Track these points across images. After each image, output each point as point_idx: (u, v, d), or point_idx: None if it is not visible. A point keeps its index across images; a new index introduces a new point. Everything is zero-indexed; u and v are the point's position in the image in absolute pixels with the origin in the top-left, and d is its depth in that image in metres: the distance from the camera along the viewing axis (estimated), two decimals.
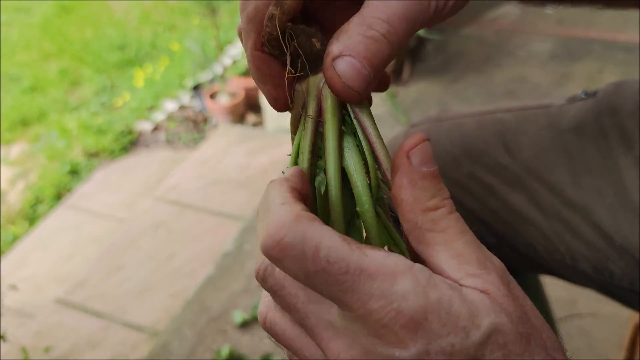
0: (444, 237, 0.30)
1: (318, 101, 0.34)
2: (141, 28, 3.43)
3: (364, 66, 0.31)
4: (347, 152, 0.34)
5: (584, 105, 0.66)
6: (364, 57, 0.31)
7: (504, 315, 0.28)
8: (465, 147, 0.69)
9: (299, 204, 0.30)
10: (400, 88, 2.37)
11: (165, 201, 2.08)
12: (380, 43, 0.32)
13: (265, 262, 0.32)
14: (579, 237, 0.62)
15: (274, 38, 0.33)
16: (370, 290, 0.27)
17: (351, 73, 0.31)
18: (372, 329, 0.27)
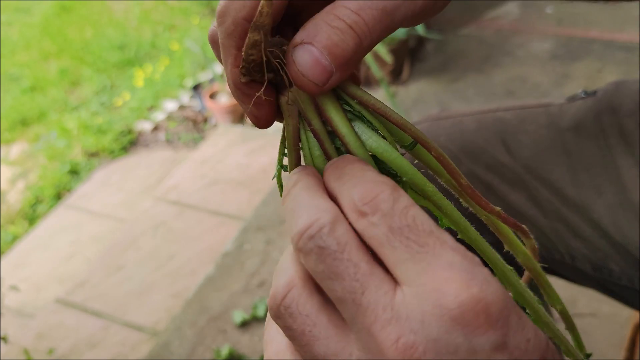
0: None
1: (314, 103, 0.32)
2: (141, 28, 3.43)
3: (323, 56, 0.29)
4: (363, 136, 0.33)
5: (584, 104, 0.66)
6: (323, 46, 0.29)
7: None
8: (465, 145, 0.69)
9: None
10: (400, 88, 2.37)
11: (165, 201, 2.08)
12: (345, 34, 0.29)
13: (322, 220, 0.27)
14: (578, 235, 0.63)
15: (258, 63, 0.31)
16: (451, 260, 0.25)
17: (308, 62, 0.29)
18: (448, 310, 0.24)
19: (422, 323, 0.24)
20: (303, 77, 0.30)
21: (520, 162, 0.66)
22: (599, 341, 1.36)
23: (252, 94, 0.32)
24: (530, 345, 0.25)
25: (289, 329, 0.28)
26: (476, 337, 0.24)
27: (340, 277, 0.26)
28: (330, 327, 0.27)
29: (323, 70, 0.30)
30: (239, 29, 0.30)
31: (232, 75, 0.32)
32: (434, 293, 0.24)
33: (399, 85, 2.39)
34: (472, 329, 0.24)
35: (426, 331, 0.24)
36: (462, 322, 0.24)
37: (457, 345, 0.24)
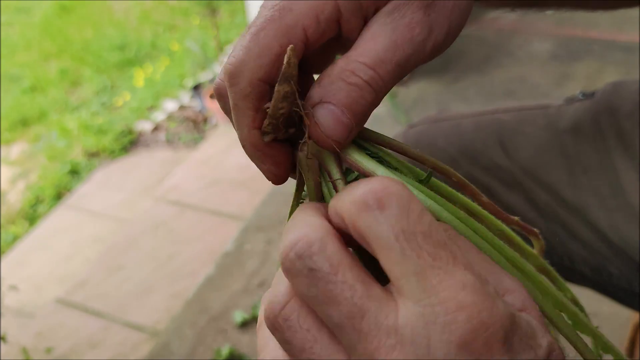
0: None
1: (335, 154, 0.31)
2: (141, 28, 3.43)
3: (344, 114, 0.29)
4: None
5: (582, 106, 0.66)
6: (344, 105, 0.29)
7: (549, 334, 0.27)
8: (463, 147, 0.69)
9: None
10: (400, 88, 2.37)
11: (165, 201, 2.08)
12: (364, 90, 0.30)
13: (311, 237, 0.25)
14: (576, 238, 0.63)
15: (286, 118, 0.30)
16: (464, 279, 0.23)
17: (331, 122, 0.29)
18: (457, 337, 0.22)
19: (429, 348, 0.22)
20: (326, 138, 0.30)
21: (519, 164, 0.66)
22: None
23: (272, 154, 0.31)
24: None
25: (287, 343, 0.25)
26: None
27: (335, 302, 0.23)
28: (332, 346, 0.25)
29: (344, 128, 0.30)
30: (256, 91, 0.30)
31: (251, 137, 0.30)
32: (444, 316, 0.22)
33: (399, 86, 2.38)
34: (479, 356, 0.22)
35: (432, 357, 0.22)
36: (470, 350, 0.22)
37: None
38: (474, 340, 0.22)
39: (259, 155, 0.31)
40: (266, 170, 0.32)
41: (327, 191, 0.32)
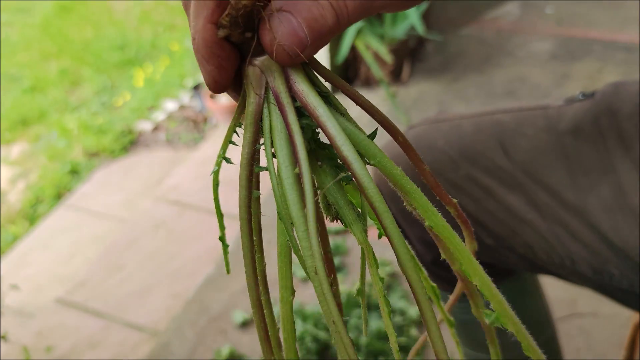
0: None
1: (285, 74, 0.30)
2: (141, 28, 3.43)
3: (301, 28, 0.29)
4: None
5: (582, 106, 0.66)
6: (303, 18, 0.29)
7: None
8: (463, 148, 0.69)
9: None
10: (400, 88, 2.37)
11: (165, 201, 2.08)
12: (326, 10, 0.29)
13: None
14: (577, 239, 0.63)
15: (248, 12, 0.29)
16: None
17: (285, 30, 0.29)
18: None
19: None
20: (279, 45, 0.29)
21: (519, 165, 0.66)
22: (599, 341, 1.37)
23: (220, 54, 0.30)
24: None
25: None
26: None
27: None
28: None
29: (299, 42, 0.29)
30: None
31: (205, 30, 0.29)
32: None
33: (399, 86, 2.39)
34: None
35: None
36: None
37: None
38: None
39: (207, 53, 0.30)
40: (208, 73, 0.31)
41: (267, 113, 0.31)
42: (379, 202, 0.29)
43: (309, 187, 0.29)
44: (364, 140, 0.31)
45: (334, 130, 0.30)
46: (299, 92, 0.30)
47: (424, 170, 0.34)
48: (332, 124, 0.30)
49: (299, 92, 0.30)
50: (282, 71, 0.30)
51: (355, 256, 1.67)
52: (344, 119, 0.31)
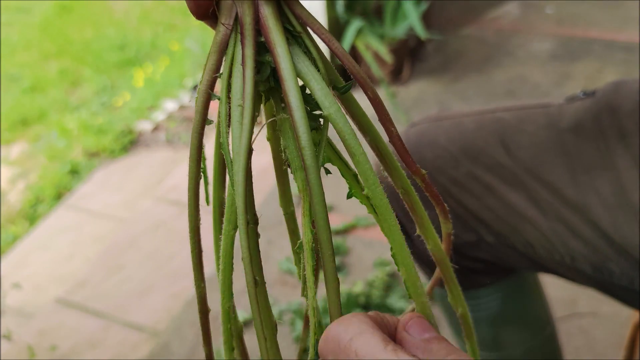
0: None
1: (254, 7, 0.30)
2: (141, 28, 3.43)
3: None
4: (295, 58, 0.30)
5: (583, 104, 0.66)
6: None
7: None
8: (465, 146, 0.69)
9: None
10: (400, 88, 2.37)
11: (165, 201, 2.08)
12: None
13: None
14: (578, 236, 0.63)
15: None
16: None
17: None
18: None
19: None
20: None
21: (520, 162, 0.66)
22: (599, 341, 1.37)
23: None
24: None
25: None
26: None
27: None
28: None
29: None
30: None
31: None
32: None
33: (399, 85, 2.39)
34: None
35: None
36: None
37: None
38: None
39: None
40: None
41: (232, 43, 0.31)
42: (308, 154, 0.29)
43: (247, 120, 0.29)
44: (322, 89, 0.30)
45: (286, 72, 0.29)
46: (264, 27, 0.30)
47: (393, 133, 0.34)
48: (286, 66, 0.29)
49: (264, 26, 0.30)
50: (253, 3, 0.30)
51: (355, 256, 1.67)
52: (309, 65, 0.30)
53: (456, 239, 0.72)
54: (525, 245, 0.67)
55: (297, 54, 0.30)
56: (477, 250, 0.72)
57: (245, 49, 0.30)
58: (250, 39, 0.30)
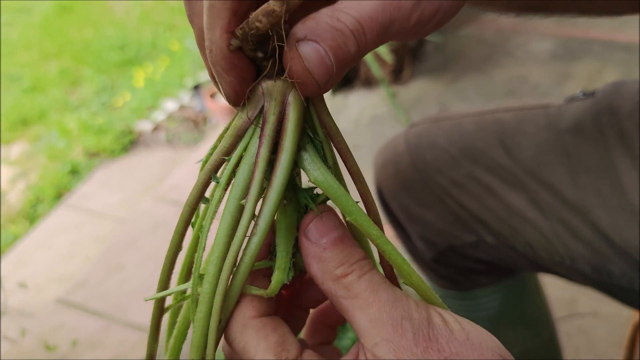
0: (358, 303, 0.30)
1: (282, 107, 0.30)
2: (141, 28, 3.43)
3: (327, 55, 0.29)
4: (310, 166, 0.31)
5: (583, 105, 0.66)
6: (329, 46, 0.29)
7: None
8: (464, 147, 0.69)
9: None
10: (400, 88, 2.37)
11: (165, 201, 2.08)
12: (348, 38, 0.29)
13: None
14: (577, 237, 0.63)
15: (261, 34, 0.28)
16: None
17: (315, 59, 0.28)
18: None
19: None
20: (308, 72, 0.29)
21: (520, 163, 0.66)
22: (599, 341, 1.36)
23: (239, 65, 0.30)
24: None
25: None
26: None
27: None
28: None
29: (326, 70, 0.29)
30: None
31: (222, 40, 0.29)
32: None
33: (399, 85, 2.39)
34: None
35: None
36: None
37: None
38: None
39: (226, 63, 0.30)
40: (228, 84, 0.30)
41: (250, 133, 0.31)
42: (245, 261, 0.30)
43: (244, 222, 0.29)
44: (342, 196, 0.30)
45: (277, 179, 0.30)
46: (282, 130, 0.30)
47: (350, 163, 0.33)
48: (281, 172, 0.30)
49: (283, 129, 0.30)
50: (281, 101, 0.30)
51: None
52: (325, 171, 0.31)
53: (456, 239, 0.72)
54: (525, 246, 0.67)
55: (314, 161, 0.31)
56: (477, 250, 0.72)
57: (262, 148, 0.30)
58: (269, 139, 0.30)
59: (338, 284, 0.30)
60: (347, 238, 0.31)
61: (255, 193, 0.30)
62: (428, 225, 0.74)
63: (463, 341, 0.29)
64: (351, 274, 0.30)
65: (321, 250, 0.31)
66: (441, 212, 0.71)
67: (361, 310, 0.30)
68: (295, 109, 0.30)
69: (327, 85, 0.30)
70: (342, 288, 0.30)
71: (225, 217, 0.30)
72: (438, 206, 0.71)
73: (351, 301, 0.30)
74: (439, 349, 0.29)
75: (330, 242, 0.31)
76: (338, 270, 0.30)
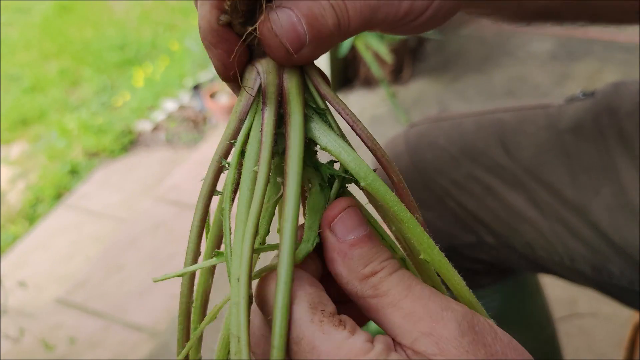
0: (389, 300, 0.28)
1: (279, 80, 0.30)
2: (141, 28, 3.43)
3: (300, 23, 0.28)
4: (319, 134, 0.30)
5: (582, 105, 0.66)
6: (303, 15, 0.28)
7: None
8: (464, 147, 0.69)
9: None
10: (400, 88, 2.37)
11: (165, 201, 2.08)
12: (326, 10, 0.28)
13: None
14: (577, 237, 0.62)
15: (249, 10, 0.29)
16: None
17: (285, 23, 0.28)
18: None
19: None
20: (275, 37, 0.28)
21: (520, 163, 0.66)
22: (599, 341, 1.36)
23: (227, 38, 0.30)
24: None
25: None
26: None
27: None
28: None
29: (297, 37, 0.28)
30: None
31: (210, 15, 0.29)
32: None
33: (399, 85, 2.39)
34: None
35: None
36: None
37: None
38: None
39: (213, 37, 0.30)
40: (216, 56, 0.30)
41: (252, 112, 0.31)
42: (288, 229, 0.29)
43: (260, 185, 0.29)
44: (355, 159, 0.30)
45: (294, 141, 0.29)
46: (285, 98, 0.30)
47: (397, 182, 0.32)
48: (295, 135, 0.29)
49: (285, 97, 0.30)
50: (278, 75, 0.30)
51: None
52: (336, 137, 0.30)
53: (456, 239, 0.72)
54: (524, 246, 0.67)
55: (322, 129, 0.30)
56: (476, 251, 0.72)
57: (265, 115, 0.30)
58: (272, 106, 0.30)
59: (365, 284, 0.28)
60: (374, 235, 0.30)
61: (267, 156, 0.29)
62: (428, 225, 0.73)
63: (507, 342, 0.27)
64: (381, 272, 0.28)
65: (347, 247, 0.29)
66: (441, 212, 0.71)
67: (392, 307, 0.28)
68: (292, 78, 0.30)
69: (301, 56, 0.29)
70: (370, 287, 0.28)
71: (242, 192, 0.30)
72: (438, 206, 0.71)
73: (380, 299, 0.28)
74: (485, 344, 0.27)
75: (358, 238, 0.29)
76: (366, 269, 0.28)
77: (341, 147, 0.30)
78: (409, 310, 0.27)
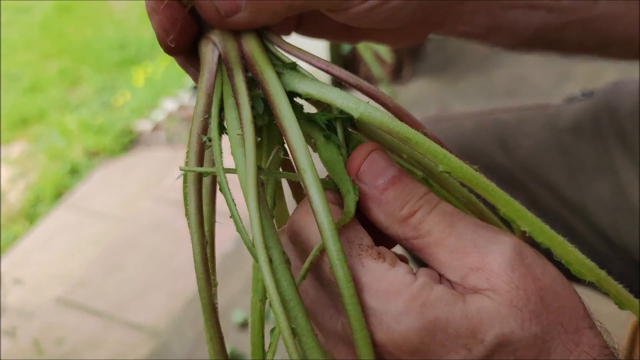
0: (432, 240, 0.27)
1: (238, 44, 0.30)
2: (141, 28, 3.43)
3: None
4: (295, 82, 0.30)
5: (582, 105, 0.66)
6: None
7: (512, 321, 0.25)
8: (463, 147, 0.69)
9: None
10: (400, 87, 2.37)
11: (165, 201, 2.08)
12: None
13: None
14: (577, 237, 0.63)
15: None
16: (364, 306, 0.25)
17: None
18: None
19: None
20: (208, 1, 0.28)
21: (519, 163, 0.66)
22: None
23: (168, 4, 0.29)
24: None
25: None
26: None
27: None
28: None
29: (232, 4, 0.28)
30: None
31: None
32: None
33: (399, 85, 2.39)
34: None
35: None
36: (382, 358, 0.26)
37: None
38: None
39: (156, 2, 0.29)
40: (157, 22, 0.29)
41: (219, 83, 0.30)
42: (309, 175, 0.28)
43: (250, 145, 0.28)
44: (341, 95, 0.29)
45: (276, 97, 0.28)
46: (249, 60, 0.29)
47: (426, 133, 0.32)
48: (275, 86, 0.28)
49: (250, 59, 0.29)
50: (235, 40, 0.30)
51: None
52: (314, 81, 0.30)
53: None
54: None
55: (297, 79, 0.30)
56: None
57: (235, 80, 0.29)
58: (239, 69, 0.29)
59: (406, 226, 0.27)
60: (404, 174, 0.29)
61: (248, 115, 0.28)
62: None
63: (556, 276, 0.27)
64: (419, 211, 0.27)
65: (380, 192, 0.28)
66: None
67: (437, 246, 0.27)
68: (250, 40, 0.30)
69: (238, 19, 0.28)
70: (411, 229, 0.27)
71: (236, 157, 0.30)
72: None
73: (423, 240, 0.27)
74: (534, 277, 0.26)
75: (388, 181, 0.28)
76: (404, 211, 0.27)
77: (323, 87, 0.29)
78: (455, 247, 0.27)
